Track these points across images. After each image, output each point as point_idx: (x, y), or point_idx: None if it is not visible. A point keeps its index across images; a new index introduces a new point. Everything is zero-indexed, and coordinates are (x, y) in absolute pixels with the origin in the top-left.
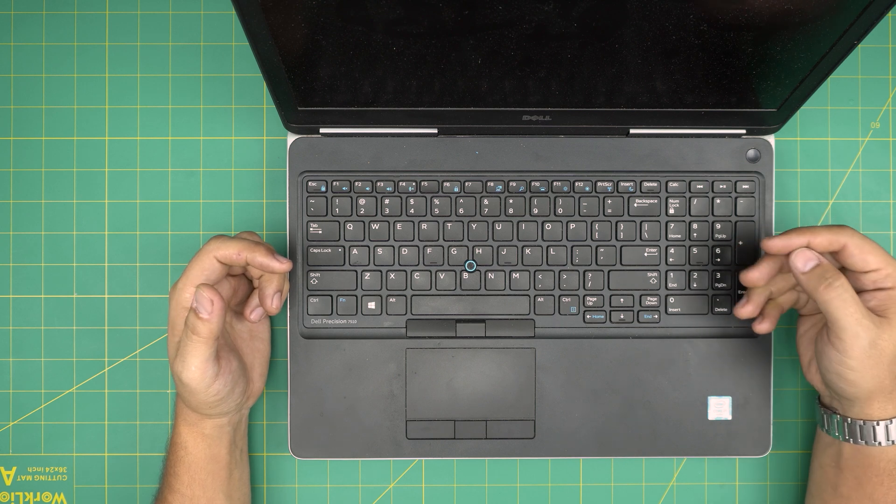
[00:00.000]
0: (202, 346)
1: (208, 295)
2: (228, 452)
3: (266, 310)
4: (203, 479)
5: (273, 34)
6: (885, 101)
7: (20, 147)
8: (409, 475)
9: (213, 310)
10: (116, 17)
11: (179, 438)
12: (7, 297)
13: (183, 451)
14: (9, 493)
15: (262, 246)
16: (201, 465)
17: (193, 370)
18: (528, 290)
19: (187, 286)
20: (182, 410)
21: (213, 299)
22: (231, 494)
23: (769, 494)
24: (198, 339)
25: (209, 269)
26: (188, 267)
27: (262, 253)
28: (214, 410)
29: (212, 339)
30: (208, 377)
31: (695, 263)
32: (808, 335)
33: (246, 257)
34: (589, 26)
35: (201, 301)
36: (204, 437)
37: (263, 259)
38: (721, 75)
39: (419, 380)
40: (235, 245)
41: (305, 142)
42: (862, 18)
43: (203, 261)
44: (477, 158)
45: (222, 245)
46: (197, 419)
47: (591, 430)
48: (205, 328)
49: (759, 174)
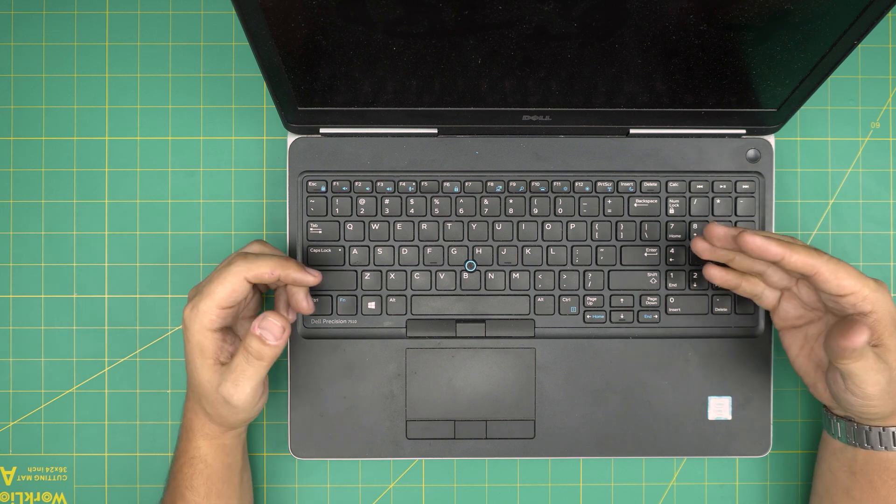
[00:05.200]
0: (262, 371)
1: (280, 323)
2: (242, 458)
3: (303, 311)
4: (220, 488)
5: (273, 34)
6: (885, 101)
7: (20, 147)
8: (409, 475)
9: (282, 336)
10: (116, 17)
11: (199, 452)
12: (7, 297)
13: (203, 465)
14: (9, 493)
15: (291, 262)
16: (219, 475)
17: (248, 392)
18: (528, 290)
19: (213, 308)
20: (203, 426)
21: (284, 327)
22: (242, 498)
23: (769, 494)
24: (260, 364)
25: (239, 291)
26: (213, 288)
27: (295, 269)
28: (245, 424)
29: (272, 364)
30: (258, 396)
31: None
32: (802, 356)
33: (280, 275)
34: (589, 26)
35: (272, 328)
36: (223, 448)
37: (297, 275)
38: (721, 75)
39: (419, 380)
40: (268, 264)
41: (305, 142)
42: (862, 18)
43: (232, 282)
44: (477, 158)
45: (253, 265)
46: (219, 432)
47: (591, 430)
48: (271, 353)
49: (759, 174)
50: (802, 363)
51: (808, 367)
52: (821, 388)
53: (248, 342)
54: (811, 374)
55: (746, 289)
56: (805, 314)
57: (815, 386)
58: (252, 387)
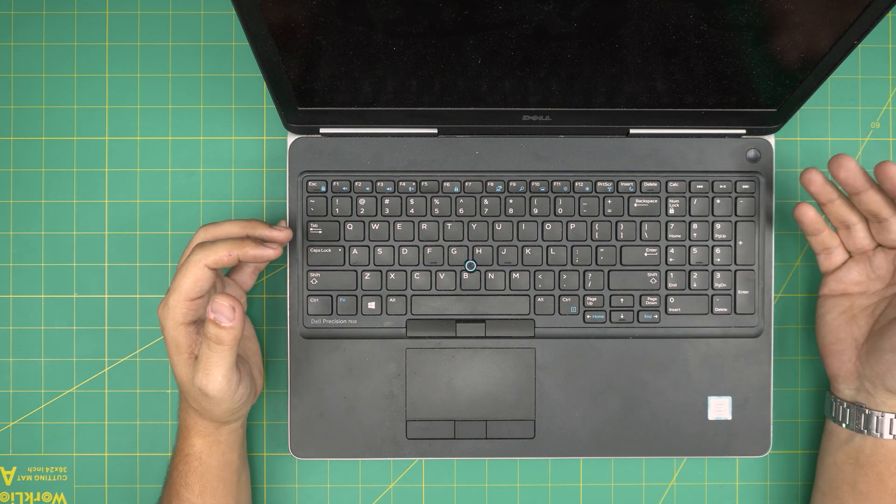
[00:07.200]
0: (227, 355)
1: (228, 303)
2: (239, 456)
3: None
4: (215, 486)
5: (273, 34)
6: (885, 101)
7: (20, 147)
8: (409, 475)
9: (234, 316)
10: (116, 17)
11: (194, 450)
12: (7, 297)
13: (197, 462)
14: (9, 493)
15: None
16: (214, 473)
17: (220, 380)
18: (528, 290)
19: (181, 302)
20: (196, 423)
21: (233, 306)
22: (239, 499)
23: (769, 494)
24: (222, 348)
25: (203, 280)
26: (177, 282)
27: (251, 246)
28: (235, 416)
29: (235, 346)
30: (233, 384)
31: (695, 263)
32: (840, 320)
33: (238, 255)
34: (589, 26)
35: (221, 310)
36: (219, 445)
37: (255, 252)
38: (721, 75)
39: (419, 380)
40: (224, 247)
41: (305, 142)
42: (862, 18)
43: (194, 272)
44: (477, 158)
45: (210, 251)
46: (213, 428)
47: (591, 430)
48: (229, 336)
49: (759, 174)
50: (834, 330)
51: (839, 335)
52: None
53: (206, 328)
54: (838, 342)
55: (824, 239)
56: (865, 282)
57: (835, 355)
58: (222, 374)
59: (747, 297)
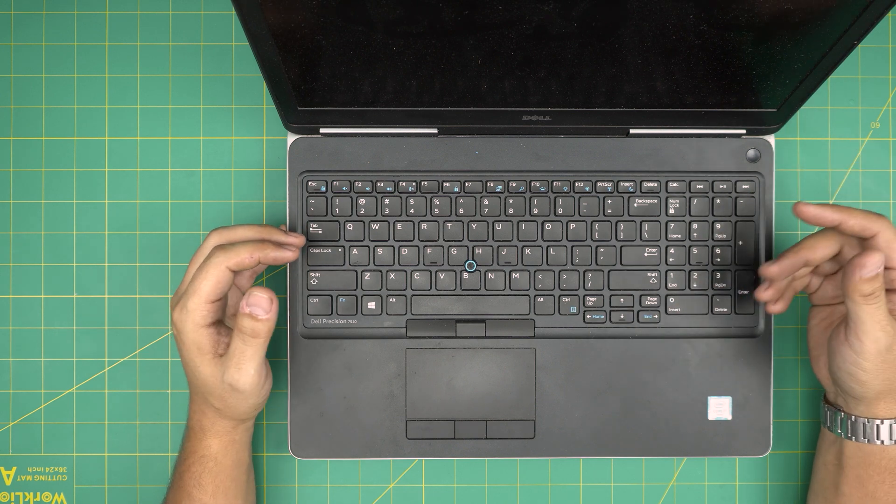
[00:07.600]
0: (261, 348)
1: (266, 295)
2: (249, 455)
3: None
4: (227, 486)
5: (273, 34)
6: (885, 101)
7: (20, 147)
8: (409, 475)
9: (271, 308)
10: (116, 17)
11: (210, 451)
12: (7, 297)
13: (213, 463)
14: (9, 493)
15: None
16: (227, 473)
17: (252, 374)
18: (528, 290)
19: (201, 304)
20: (213, 423)
21: (271, 298)
22: (247, 497)
23: (769, 494)
24: (257, 341)
25: (224, 282)
26: (196, 284)
27: (271, 248)
28: (256, 411)
29: (268, 339)
30: (262, 378)
31: (695, 263)
32: (820, 327)
33: (259, 257)
34: (589, 26)
35: (259, 303)
36: (234, 444)
37: (275, 254)
38: (721, 75)
39: (419, 380)
40: (246, 249)
41: (305, 142)
42: (862, 18)
43: (215, 274)
44: (477, 158)
45: (232, 254)
46: (231, 427)
47: (591, 430)
48: (265, 328)
49: (759, 174)
50: (815, 336)
51: (820, 339)
52: (822, 363)
53: (241, 322)
54: (817, 347)
55: (796, 287)
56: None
57: (818, 360)
58: (255, 367)
59: (747, 297)
